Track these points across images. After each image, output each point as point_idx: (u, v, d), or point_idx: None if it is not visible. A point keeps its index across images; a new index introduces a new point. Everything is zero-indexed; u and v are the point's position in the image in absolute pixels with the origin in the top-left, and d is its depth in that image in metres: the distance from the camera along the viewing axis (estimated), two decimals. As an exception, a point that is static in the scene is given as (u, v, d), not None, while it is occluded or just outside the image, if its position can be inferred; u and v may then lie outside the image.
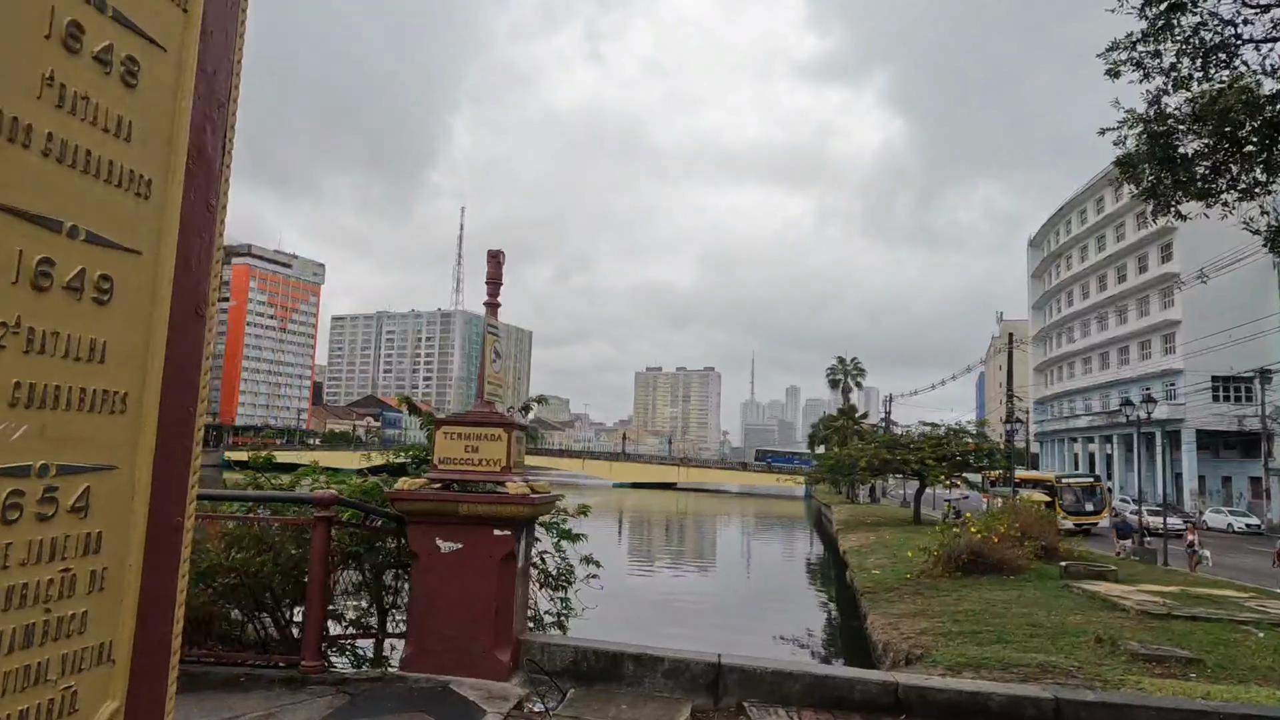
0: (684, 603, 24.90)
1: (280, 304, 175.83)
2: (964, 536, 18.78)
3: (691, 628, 20.52)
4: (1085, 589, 15.45)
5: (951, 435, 36.65)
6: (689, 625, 20.83)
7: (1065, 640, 10.32)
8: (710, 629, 20.44)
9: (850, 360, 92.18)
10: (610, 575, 22.93)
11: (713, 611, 23.08)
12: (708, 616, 22.13)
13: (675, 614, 22.87)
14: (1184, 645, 10.07)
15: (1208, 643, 10.35)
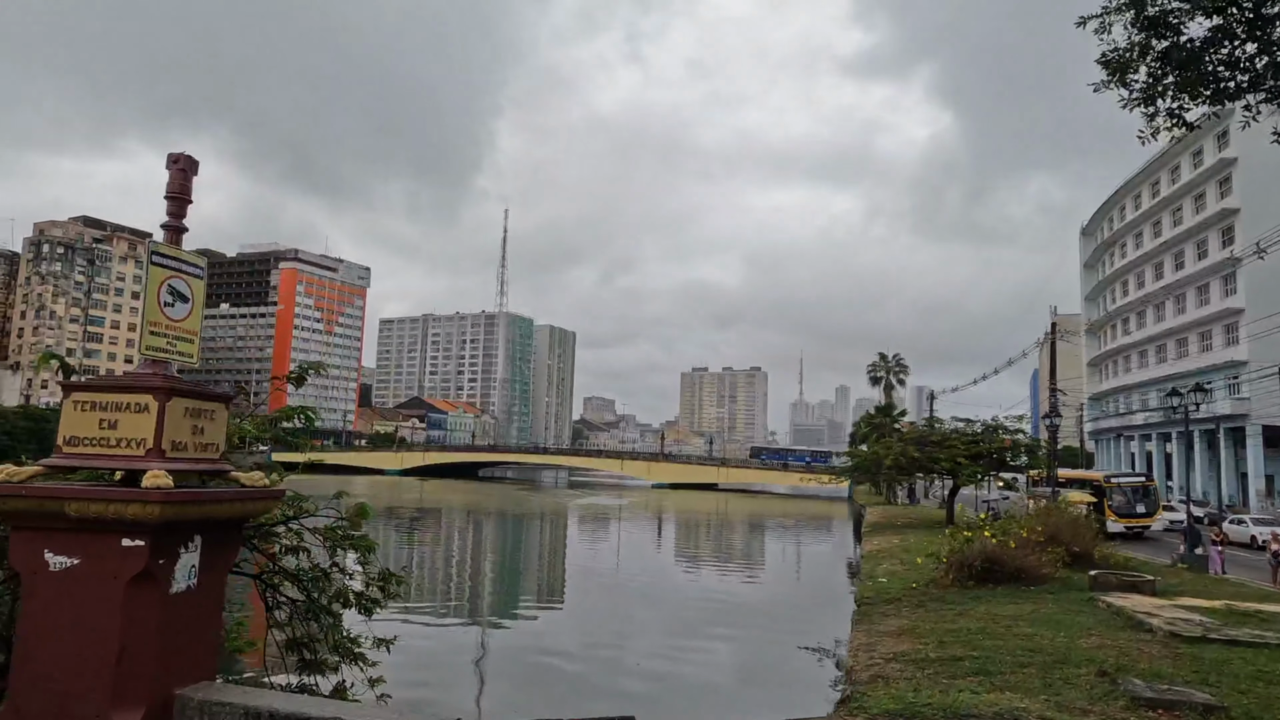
0: (689, 611, 23.21)
1: (326, 307, 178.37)
2: (978, 542, 16.70)
3: (684, 639, 18.84)
4: (1112, 603, 13.36)
5: (987, 431, 34.18)
6: (684, 636, 19.16)
7: (1061, 673, 8.42)
8: (703, 640, 18.72)
9: (892, 357, 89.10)
10: (639, 576, 20.46)
11: (716, 621, 21.33)
12: (704, 627, 20.39)
13: (672, 622, 21.20)
14: (1209, 682, 8.08)
15: (1243, 678, 8.33)
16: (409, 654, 17.41)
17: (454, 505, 68.76)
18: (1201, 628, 11.03)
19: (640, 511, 67.51)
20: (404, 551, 38.41)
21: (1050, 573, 16.65)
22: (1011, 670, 8.53)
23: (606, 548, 41.95)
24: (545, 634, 19.91)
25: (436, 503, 69.98)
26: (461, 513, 62.36)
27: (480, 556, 38.98)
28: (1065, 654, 9.40)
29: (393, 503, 69.17)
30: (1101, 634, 10.89)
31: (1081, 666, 8.64)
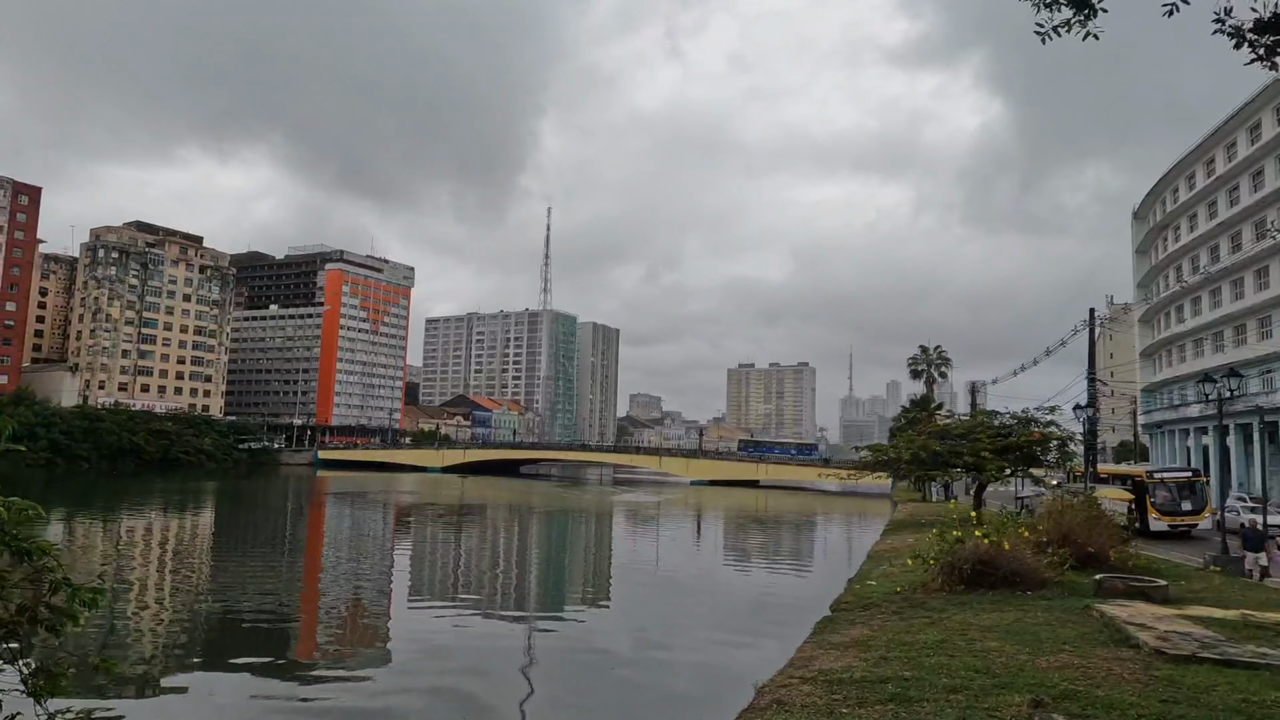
0: (733, 609, 22.17)
1: (372, 307, 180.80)
2: (969, 543, 15.22)
3: (729, 635, 17.76)
4: (1106, 613, 11.84)
5: (1018, 424, 32.19)
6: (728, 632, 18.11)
7: (993, 701, 7.12)
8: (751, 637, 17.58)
9: (934, 350, 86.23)
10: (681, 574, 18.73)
11: (763, 619, 20.17)
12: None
13: (716, 621, 20.09)
14: (1173, 715, 6.69)
15: (1221, 709, 6.92)
16: (457, 654, 16.86)
17: (492, 502, 68.64)
18: (1197, 643, 9.52)
19: (677, 509, 66.39)
20: (451, 548, 38.27)
21: (1052, 576, 15.10)
22: (936, 697, 7.23)
23: (647, 545, 41.58)
24: (594, 633, 19.24)
25: (477, 500, 69.98)
26: (502, 509, 62.16)
27: (525, 553, 38.58)
28: (1014, 676, 8.05)
29: (435, 500, 69.51)
30: (1075, 651, 9.46)
31: (1023, 693, 7.31)
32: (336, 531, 45.61)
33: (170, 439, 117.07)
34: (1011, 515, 27.91)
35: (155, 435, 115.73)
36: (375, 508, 61.19)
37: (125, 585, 25.01)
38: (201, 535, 42.07)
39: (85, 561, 30.15)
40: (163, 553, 34.65)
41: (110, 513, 49.84)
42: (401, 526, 48.96)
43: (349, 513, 57.28)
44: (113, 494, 65.69)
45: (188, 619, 20.50)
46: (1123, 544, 18.32)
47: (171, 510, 53.86)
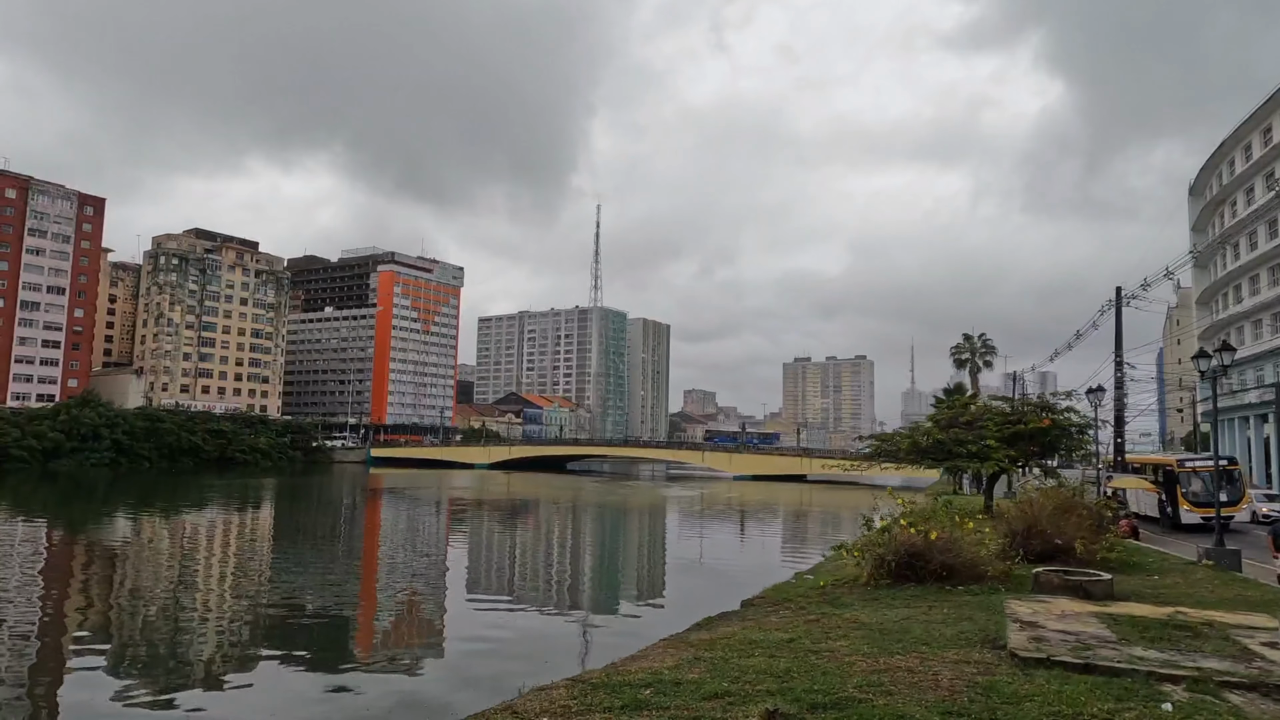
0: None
1: (423, 307, 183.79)
2: (899, 535, 13.99)
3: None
4: (1014, 609, 10.58)
5: (1028, 410, 30.24)
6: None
7: (732, 714, 6.10)
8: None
9: (978, 337, 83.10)
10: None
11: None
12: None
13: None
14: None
15: None
16: (513, 646, 16.74)
17: (534, 497, 68.83)
18: (1072, 645, 8.29)
19: (715, 504, 65.33)
20: (503, 543, 38.58)
21: (997, 570, 13.77)
22: (682, 705, 6.27)
23: (691, 541, 41.43)
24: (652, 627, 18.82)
25: (520, 496, 70.34)
26: (548, 505, 62.29)
27: (576, 548, 38.44)
28: (816, 680, 7.01)
29: (482, 496, 70.28)
30: (929, 653, 8.34)
31: (798, 701, 6.29)
32: (392, 527, 46.63)
33: (227, 438, 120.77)
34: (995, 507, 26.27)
35: (213, 435, 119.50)
36: (426, 504, 62.24)
37: (190, 579, 25.67)
38: (262, 531, 43.12)
39: (153, 556, 31.01)
40: (225, 547, 35.53)
41: (173, 510, 51.35)
42: (455, 522, 49.51)
43: (401, 508, 58.60)
44: (174, 492, 67.85)
45: (250, 612, 20.95)
46: (1096, 535, 16.74)
47: (232, 507, 55.30)
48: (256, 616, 20.34)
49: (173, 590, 23.58)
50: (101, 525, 42.46)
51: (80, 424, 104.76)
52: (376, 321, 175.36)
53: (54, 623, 19.35)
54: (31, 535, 37.19)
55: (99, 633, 18.71)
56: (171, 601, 21.86)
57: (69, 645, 17.38)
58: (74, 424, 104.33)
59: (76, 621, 19.75)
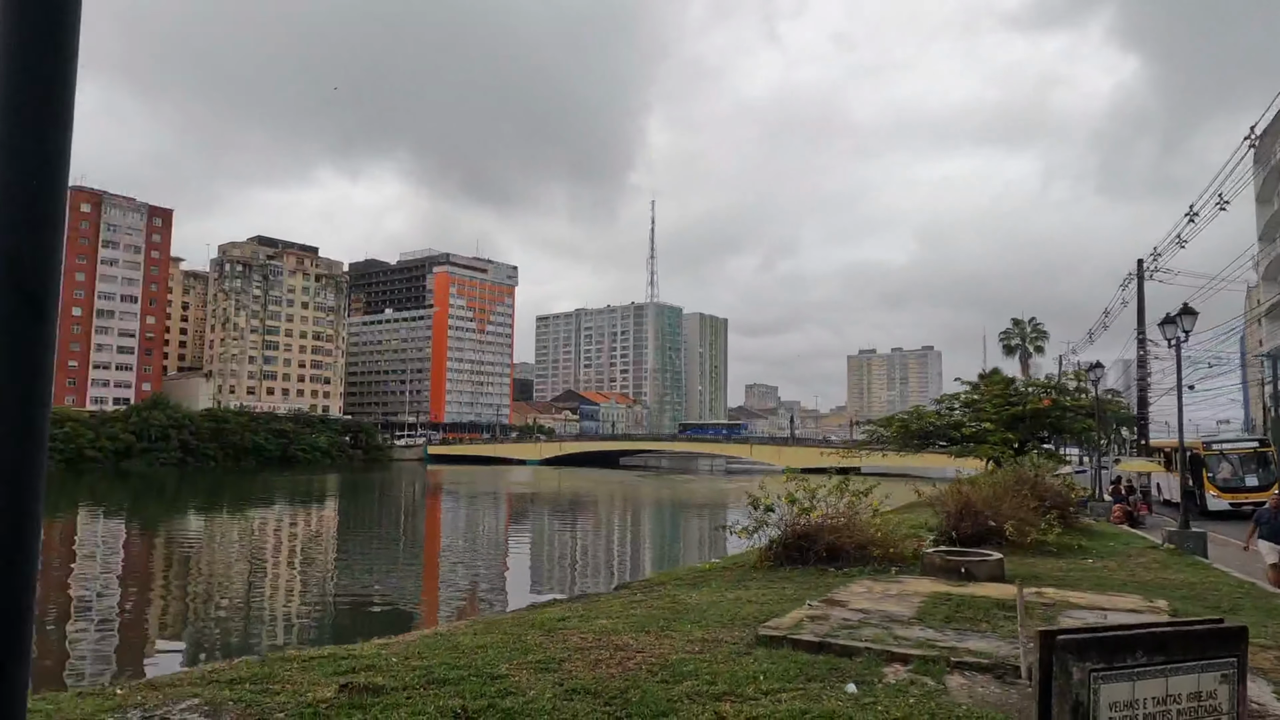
0: None
1: (478, 307, 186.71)
2: (780, 514, 13.24)
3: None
4: (849, 589, 9.82)
5: (1031, 391, 28.66)
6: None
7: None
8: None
9: (1029, 322, 79.78)
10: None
11: None
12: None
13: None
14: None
15: (657, 684, 5.27)
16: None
17: (574, 492, 69.31)
18: (840, 626, 7.56)
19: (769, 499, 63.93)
20: (559, 537, 39.29)
21: (880, 552, 12.87)
22: (314, 681, 5.87)
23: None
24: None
25: (567, 491, 70.94)
26: (589, 499, 62.56)
27: (637, 544, 38.60)
28: (469, 661, 6.51)
29: (536, 490, 71.23)
30: (687, 631, 7.72)
31: (423, 679, 5.81)
32: (452, 521, 47.81)
33: (289, 438, 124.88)
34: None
35: (275, 435, 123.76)
36: (484, 498, 63.35)
37: (260, 571, 26.66)
38: (327, 525, 44.63)
39: (224, 550, 32.22)
40: (292, 540, 36.92)
41: (241, 506, 53.38)
42: (515, 518, 50.06)
43: (458, 502, 60.02)
44: (239, 489, 70.50)
45: (318, 602, 21.67)
46: (1035, 518, 15.56)
47: (297, 502, 57.19)
48: (324, 606, 20.95)
49: (245, 582, 24.40)
50: (174, 522, 44.20)
51: (150, 425, 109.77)
52: (433, 322, 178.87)
53: (135, 612, 20.21)
54: (110, 531, 39.01)
55: (176, 621, 19.56)
56: (243, 593, 22.64)
57: (150, 632, 18.12)
58: (144, 425, 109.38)
59: (158, 610, 20.66)
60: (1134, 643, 3.61)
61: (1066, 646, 3.50)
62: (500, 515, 51.35)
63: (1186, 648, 3.71)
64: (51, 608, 19.13)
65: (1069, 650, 3.49)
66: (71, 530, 39.29)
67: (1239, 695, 3.83)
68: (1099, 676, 3.51)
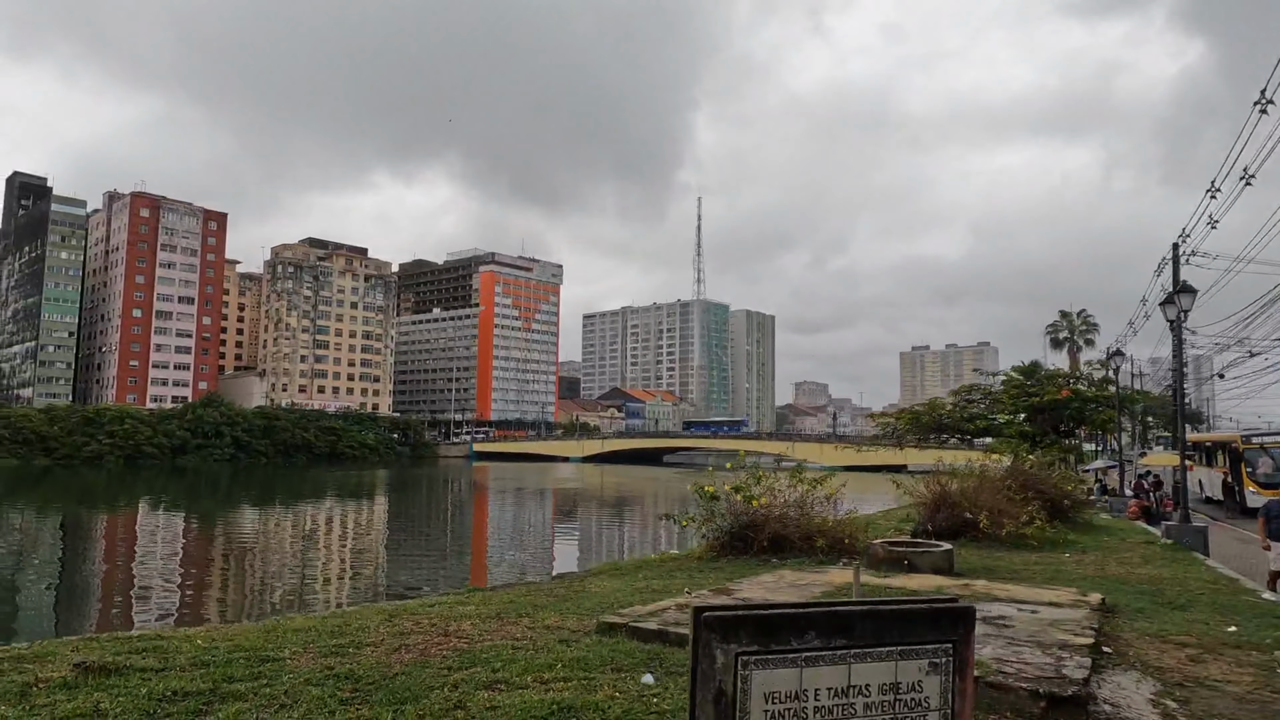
0: None
1: (523, 305, 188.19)
2: (724, 504, 12.65)
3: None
4: (758, 578, 9.25)
5: (1046, 381, 27.29)
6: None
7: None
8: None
9: (1078, 314, 76.97)
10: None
11: None
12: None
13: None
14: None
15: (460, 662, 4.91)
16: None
17: (615, 488, 69.39)
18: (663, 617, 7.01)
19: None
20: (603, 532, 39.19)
21: (826, 543, 12.19)
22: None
23: None
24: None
25: (606, 487, 71.12)
26: (631, 495, 62.62)
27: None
28: (246, 643, 6.17)
29: (581, 486, 71.70)
30: (538, 620, 7.28)
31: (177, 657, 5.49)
32: (498, 516, 48.45)
33: (337, 435, 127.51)
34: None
35: (324, 432, 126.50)
36: (526, 494, 64.03)
37: (313, 563, 27.26)
38: (377, 518, 45.61)
39: (278, 543, 32.99)
40: (344, 534, 37.77)
41: (292, 500, 54.71)
42: (561, 514, 50.46)
43: (502, 497, 60.77)
44: (290, 484, 72.24)
45: (369, 595, 21.97)
46: (1014, 508, 14.63)
47: (348, 497, 58.48)
48: (376, 599, 21.23)
49: (298, 573, 24.89)
50: (229, 515, 45.44)
51: (204, 423, 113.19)
52: (479, 321, 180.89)
53: (194, 602, 20.72)
54: (169, 524, 40.31)
55: (233, 609, 19.98)
56: (296, 585, 23.06)
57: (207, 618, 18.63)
58: (198, 423, 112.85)
59: (216, 600, 21.20)
60: (803, 622, 3.03)
61: (711, 625, 2.95)
62: (544, 510, 52.33)
63: (881, 630, 3.12)
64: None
65: (713, 629, 2.94)
66: (132, 522, 40.80)
67: (956, 687, 3.23)
68: (752, 661, 2.95)
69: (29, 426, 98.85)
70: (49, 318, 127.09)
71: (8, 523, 38.65)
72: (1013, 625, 6.87)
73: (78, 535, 36.36)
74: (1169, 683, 5.84)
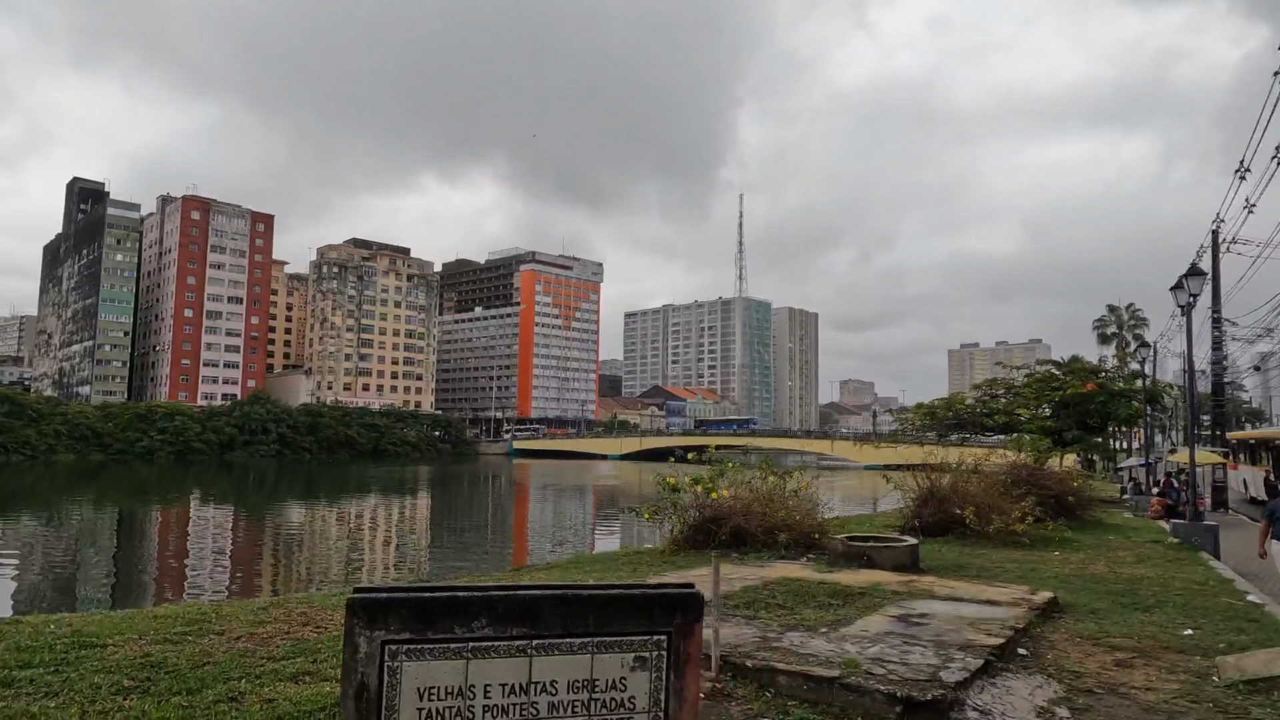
0: None
1: (564, 304, 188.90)
2: (685, 496, 12.18)
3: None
4: (694, 572, 8.79)
5: (1071, 375, 26.10)
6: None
7: None
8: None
9: (1126, 308, 74.18)
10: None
11: None
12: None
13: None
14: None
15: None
16: None
17: (643, 484, 69.24)
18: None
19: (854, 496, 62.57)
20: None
21: (789, 538, 11.67)
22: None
23: None
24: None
25: (627, 485, 71.13)
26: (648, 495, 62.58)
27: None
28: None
29: (620, 482, 71.86)
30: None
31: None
32: (540, 511, 49.19)
33: (380, 432, 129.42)
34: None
35: (367, 429, 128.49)
36: (567, 491, 64.49)
37: (358, 556, 27.86)
38: (420, 514, 46.40)
39: (324, 536, 33.73)
40: (388, 528, 38.43)
41: (337, 495, 55.96)
42: (601, 511, 50.63)
43: (542, 493, 61.51)
44: (334, 479, 73.52)
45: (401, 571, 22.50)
46: (1004, 504, 13.88)
47: (390, 492, 59.41)
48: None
49: (344, 565, 25.33)
50: (277, 509, 46.50)
51: (251, 420, 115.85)
52: (520, 319, 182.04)
53: (242, 592, 21.24)
54: (220, 518, 41.48)
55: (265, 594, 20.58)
56: (342, 577, 23.41)
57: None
58: (245, 420, 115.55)
59: (266, 593, 21.72)
60: (472, 606, 2.64)
61: (357, 609, 2.57)
62: (581, 505, 52.69)
63: (572, 618, 2.72)
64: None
65: (358, 614, 2.57)
66: (185, 515, 41.98)
67: (672, 687, 2.79)
68: (403, 651, 2.57)
69: (85, 423, 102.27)
70: (105, 318, 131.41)
71: (68, 514, 39.80)
72: (927, 623, 6.35)
73: (132, 525, 37.44)
74: (1076, 689, 5.28)
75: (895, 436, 29.68)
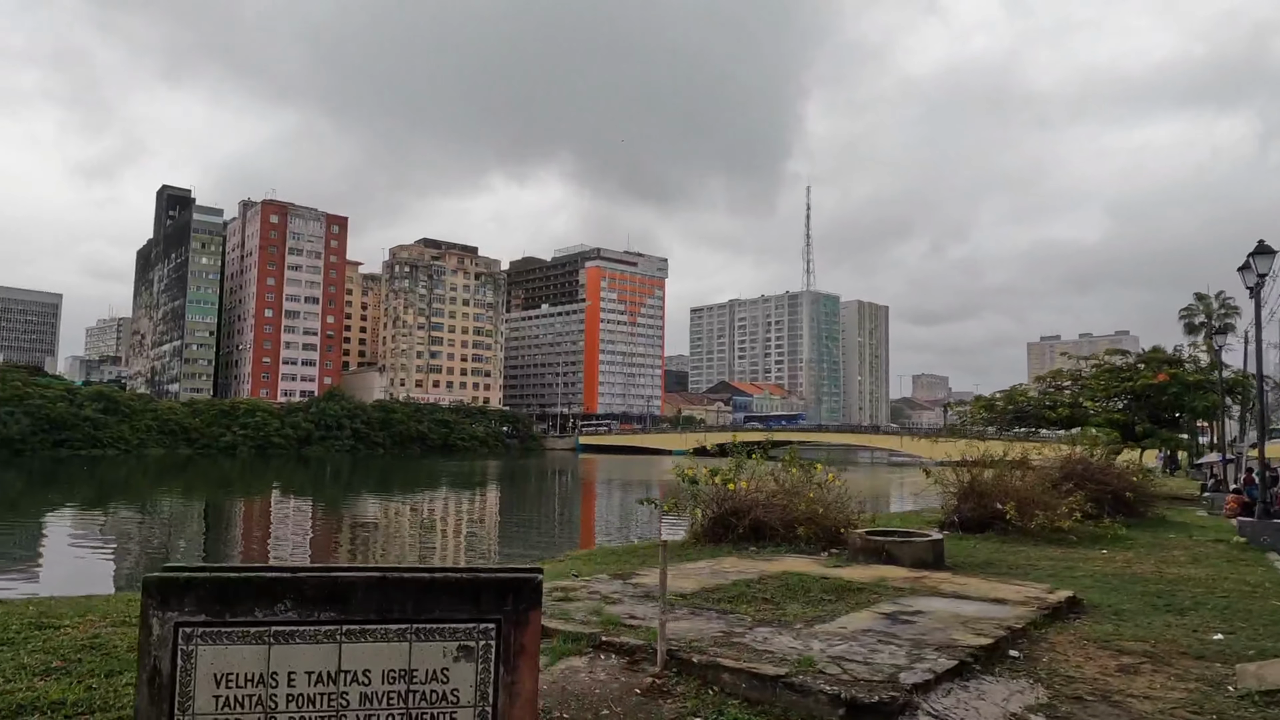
0: None
1: (629, 300, 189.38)
2: (704, 488, 11.89)
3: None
4: (693, 565, 8.52)
5: (1145, 365, 24.63)
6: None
7: None
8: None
9: (1216, 297, 69.80)
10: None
11: None
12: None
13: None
14: None
15: None
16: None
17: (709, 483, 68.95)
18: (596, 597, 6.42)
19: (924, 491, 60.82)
20: None
21: (808, 531, 11.23)
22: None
23: None
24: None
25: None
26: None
27: None
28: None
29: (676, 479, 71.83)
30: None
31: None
32: (605, 504, 49.74)
33: (449, 427, 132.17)
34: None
35: (437, 424, 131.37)
36: (633, 485, 64.82)
37: (429, 547, 28.75)
38: (490, 506, 47.54)
39: (396, 528, 34.86)
40: (458, 519, 39.56)
41: (411, 488, 57.36)
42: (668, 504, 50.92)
43: (609, 487, 62.07)
44: (406, 473, 75.46)
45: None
46: (1050, 499, 13.10)
47: (461, 486, 60.83)
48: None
49: (416, 555, 25.87)
50: (352, 501, 48.11)
51: (326, 416, 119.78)
52: (585, 315, 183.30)
53: None
54: (299, 509, 43.29)
55: None
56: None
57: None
58: (321, 416, 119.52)
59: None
60: (275, 588, 2.46)
61: (151, 589, 2.42)
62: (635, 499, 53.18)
63: (388, 602, 2.51)
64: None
65: (151, 594, 2.42)
66: (266, 507, 43.72)
67: (501, 680, 2.55)
68: (198, 634, 2.41)
69: (174, 419, 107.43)
70: (192, 318, 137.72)
71: (159, 505, 41.75)
72: (914, 622, 5.95)
73: (219, 516, 39.13)
74: (1063, 695, 4.83)
75: (954, 431, 28.53)
